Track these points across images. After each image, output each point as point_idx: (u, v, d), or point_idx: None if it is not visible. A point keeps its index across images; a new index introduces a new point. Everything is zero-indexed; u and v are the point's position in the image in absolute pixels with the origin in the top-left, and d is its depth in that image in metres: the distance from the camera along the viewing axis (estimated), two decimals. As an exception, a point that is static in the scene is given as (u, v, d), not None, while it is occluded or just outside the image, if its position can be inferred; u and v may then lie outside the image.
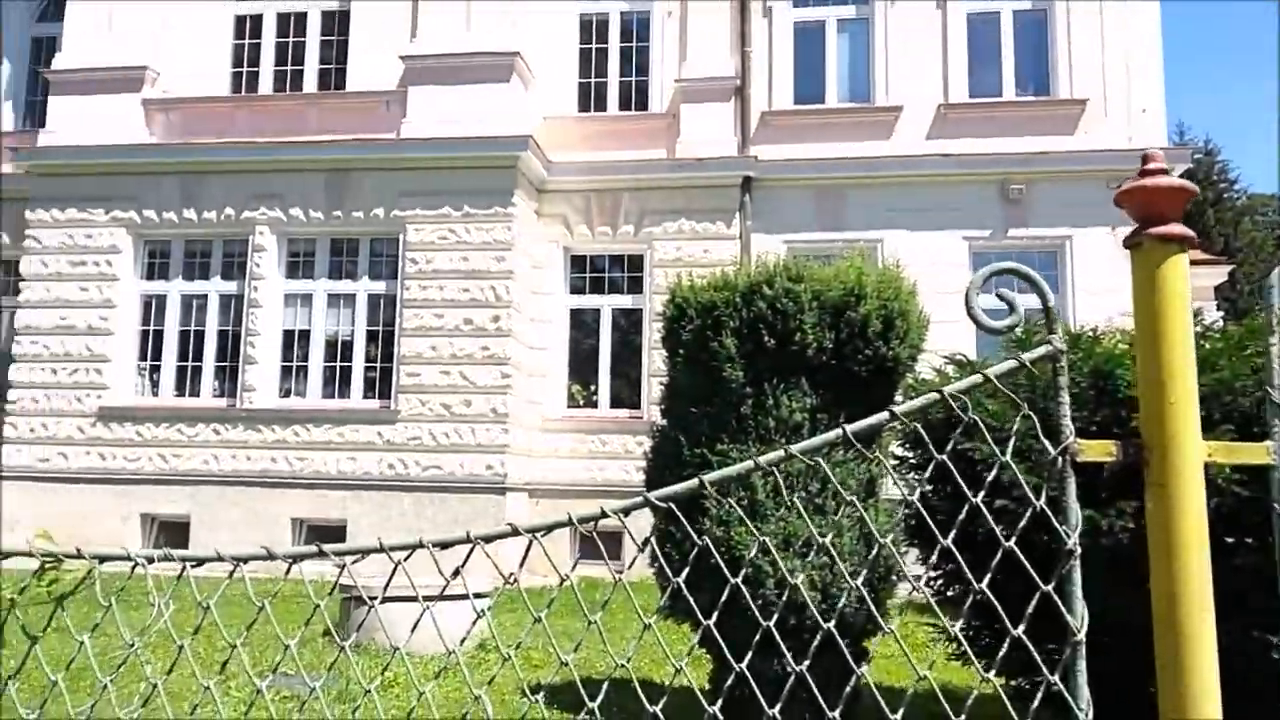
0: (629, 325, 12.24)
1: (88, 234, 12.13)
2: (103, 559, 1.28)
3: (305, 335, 11.84)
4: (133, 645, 1.25)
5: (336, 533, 11.10)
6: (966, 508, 1.25)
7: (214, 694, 1.22)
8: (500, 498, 11.04)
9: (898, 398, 4.96)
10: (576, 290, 12.45)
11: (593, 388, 12.21)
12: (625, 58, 12.83)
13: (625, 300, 12.29)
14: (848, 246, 11.41)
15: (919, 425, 1.18)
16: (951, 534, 1.26)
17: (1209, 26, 54.48)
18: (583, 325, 12.41)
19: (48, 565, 1.29)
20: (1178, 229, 1.24)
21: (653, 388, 11.48)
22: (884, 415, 1.29)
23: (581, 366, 12.29)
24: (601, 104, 12.77)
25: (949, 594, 4.33)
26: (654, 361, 11.55)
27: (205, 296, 12.10)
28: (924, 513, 1.25)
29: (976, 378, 1.26)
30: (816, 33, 12.48)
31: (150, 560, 1.27)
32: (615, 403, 12.08)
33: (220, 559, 1.28)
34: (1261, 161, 55.45)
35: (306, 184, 11.80)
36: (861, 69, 12.30)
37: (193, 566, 1.27)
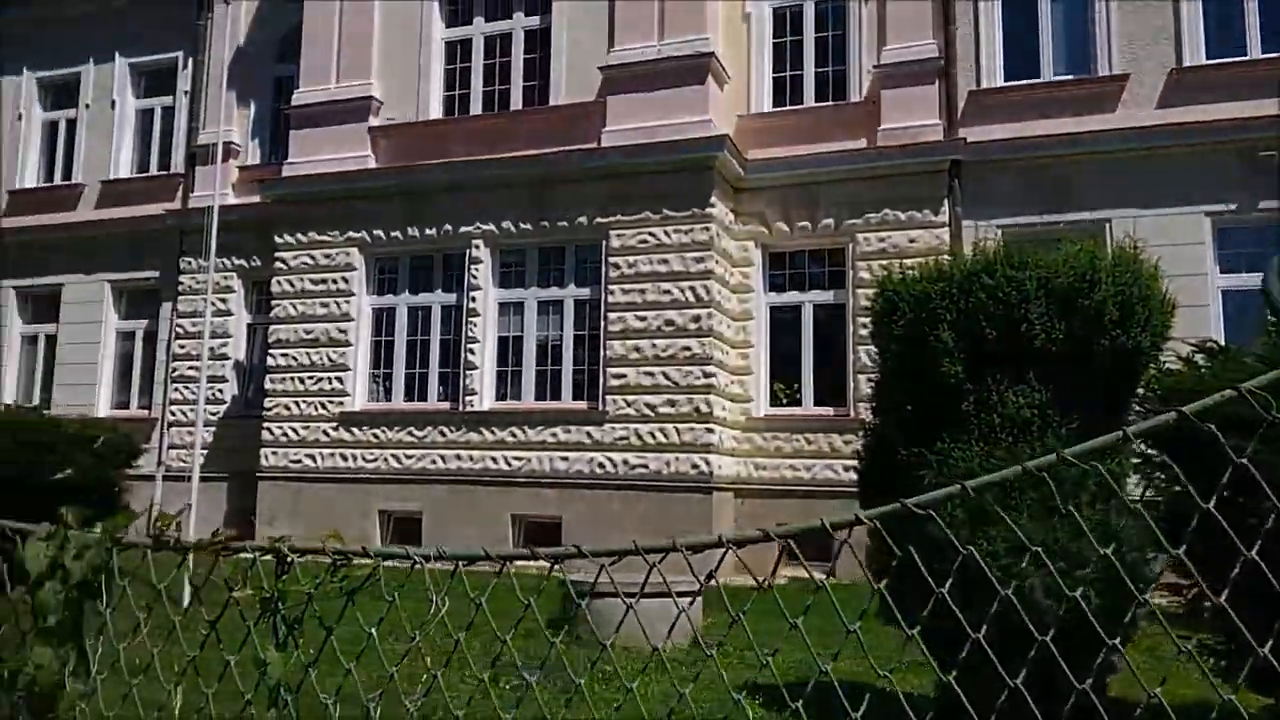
0: (831, 321, 12.00)
1: (326, 254, 13.28)
2: (386, 556, 1.39)
3: (518, 341, 12.41)
4: (414, 639, 1.34)
5: (552, 530, 11.57)
6: (1274, 516, 1.13)
7: (488, 687, 1.30)
8: (706, 497, 11.12)
9: (1139, 390, 4.58)
10: (776, 287, 12.35)
11: (796, 386, 12.07)
12: (820, 48, 12.59)
13: (827, 296, 12.07)
14: (1071, 229, 10.71)
15: (1213, 426, 1.06)
16: (1256, 546, 1.14)
17: None
18: (784, 322, 12.29)
19: (339, 564, 1.41)
20: None
21: (858, 384, 11.22)
22: (1169, 415, 1.18)
23: (784, 364, 12.18)
24: (798, 97, 12.59)
25: (1206, 604, 3.95)
26: (859, 357, 11.28)
27: (429, 308, 12.94)
28: (1223, 522, 1.14)
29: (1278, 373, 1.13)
30: (1029, 3, 11.73)
31: (427, 559, 1.36)
32: (819, 400, 11.89)
33: (489, 557, 1.36)
34: None
35: (515, 197, 12.37)
36: (1080, 38, 11.45)
37: (465, 564, 1.35)
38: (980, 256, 4.95)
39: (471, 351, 12.35)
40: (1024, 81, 11.59)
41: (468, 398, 12.27)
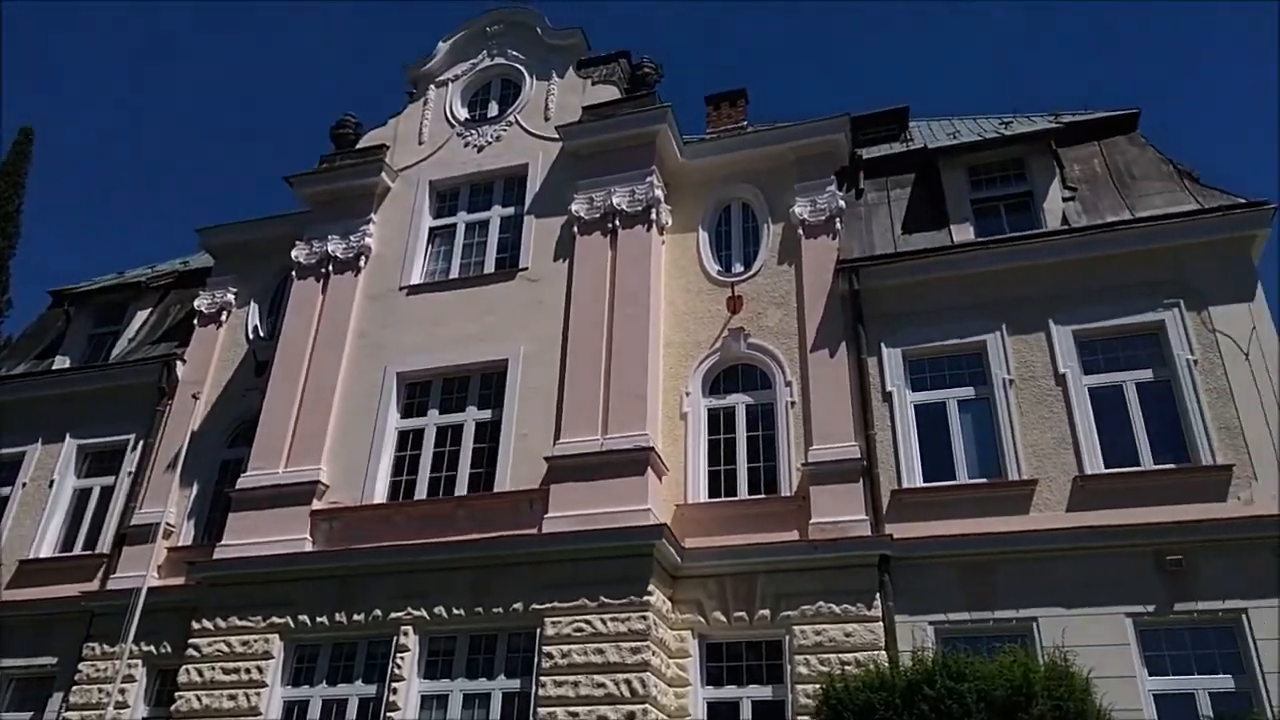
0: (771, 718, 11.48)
1: (244, 641, 12.63)
2: None
3: (440, 742, 11.52)
4: None
5: None
6: None
7: None
8: None
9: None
10: (714, 680, 11.92)
11: (738, 795, 11.23)
12: (752, 445, 13.36)
13: (765, 691, 11.65)
14: (1000, 627, 10.84)
15: None
16: None
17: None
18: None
19: None
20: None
21: (805, 793, 10.50)
22: None
23: (726, 768, 11.43)
24: (732, 489, 13.11)
25: None
26: (803, 762, 10.68)
27: (346, 701, 12.13)
28: None
29: None
30: (939, 413, 12.82)
31: None
32: (764, 810, 11.01)
33: None
34: None
35: (452, 582, 12.19)
36: (988, 445, 12.40)
37: None
38: (919, 665, 5.02)
39: (388, 755, 11.38)
40: (941, 483, 12.30)
41: (379, 808, 11.07)
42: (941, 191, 14.56)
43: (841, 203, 14.51)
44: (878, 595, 11.49)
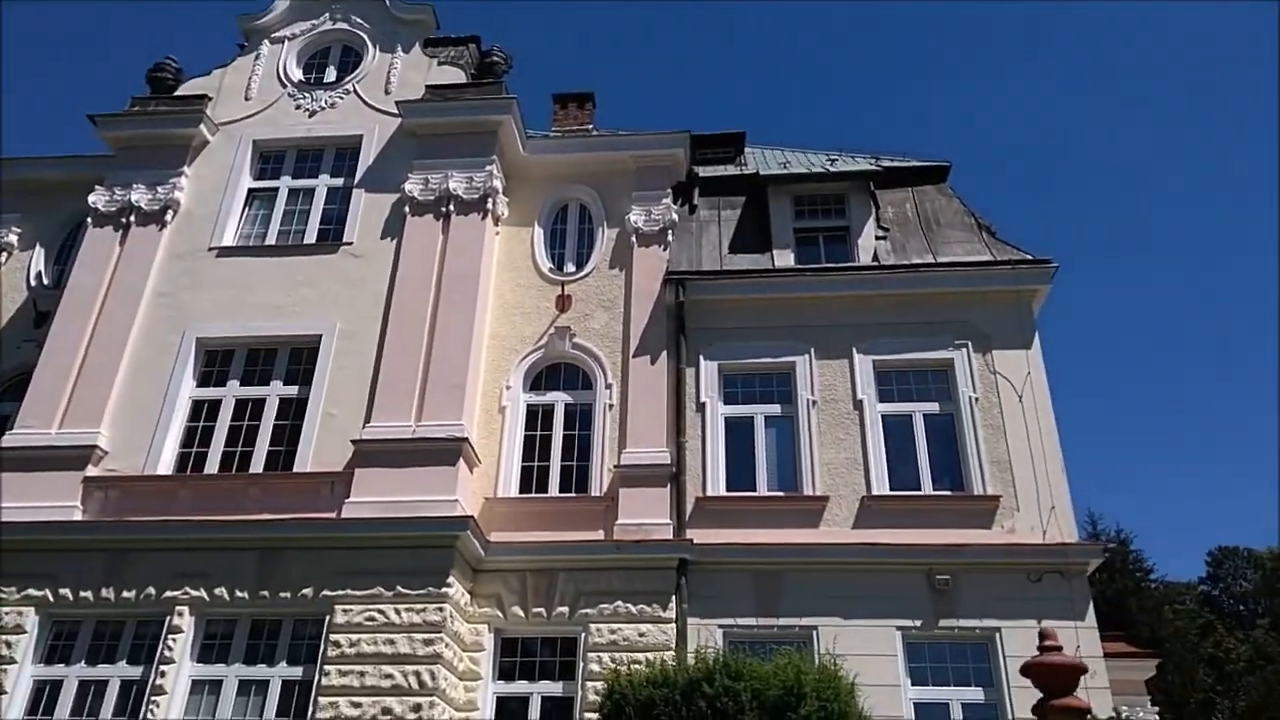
0: (559, 715, 11.58)
1: (-8, 613, 11.51)
2: None
3: (208, 731, 10.90)
4: None
5: None
6: None
7: None
8: None
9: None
10: (506, 675, 11.91)
11: (520, 787, 11.26)
12: (568, 444, 13.45)
13: (556, 687, 11.75)
14: (783, 633, 11.45)
15: None
16: None
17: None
18: (511, 714, 11.72)
19: None
20: (1076, 701, 1.40)
21: (585, 788, 10.65)
22: None
23: (508, 763, 11.42)
24: (544, 486, 13.15)
25: None
26: (587, 759, 10.83)
27: (106, 683, 11.26)
28: None
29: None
30: (746, 427, 13.37)
31: None
32: (546, 803, 11.09)
33: None
34: (1172, 547, 58.16)
35: (237, 562, 11.58)
36: (788, 460, 13.05)
37: None
38: (701, 664, 5.22)
39: (150, 740, 10.66)
40: (742, 493, 12.84)
41: (132, 799, 10.36)
42: (768, 217, 15.20)
43: (675, 216, 14.88)
44: (674, 597, 11.85)
